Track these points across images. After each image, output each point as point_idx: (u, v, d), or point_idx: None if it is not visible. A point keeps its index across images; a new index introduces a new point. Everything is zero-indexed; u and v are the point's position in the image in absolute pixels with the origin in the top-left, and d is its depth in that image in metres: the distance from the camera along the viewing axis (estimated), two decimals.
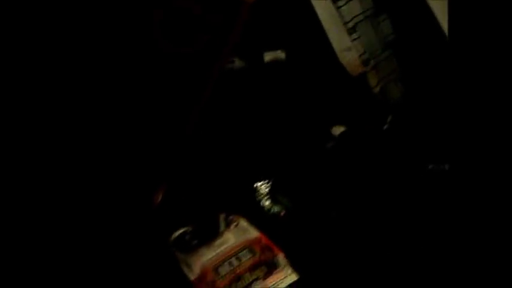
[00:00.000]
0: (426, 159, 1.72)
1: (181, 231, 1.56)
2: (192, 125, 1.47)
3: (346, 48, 1.93)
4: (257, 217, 1.59)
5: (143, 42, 1.37)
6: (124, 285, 1.45)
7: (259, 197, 1.68)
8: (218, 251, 1.46)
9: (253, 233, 1.52)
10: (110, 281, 1.45)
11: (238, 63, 1.79)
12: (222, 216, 1.58)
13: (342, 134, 1.87)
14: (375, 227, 1.55)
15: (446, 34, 1.81)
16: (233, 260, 1.43)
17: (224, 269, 1.41)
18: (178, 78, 1.41)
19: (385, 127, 1.91)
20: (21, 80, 1.35)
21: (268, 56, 1.83)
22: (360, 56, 1.97)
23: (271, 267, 1.42)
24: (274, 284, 1.39)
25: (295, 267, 1.44)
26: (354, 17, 1.95)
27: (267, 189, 1.69)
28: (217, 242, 1.50)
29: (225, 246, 1.48)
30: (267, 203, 1.67)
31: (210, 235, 1.52)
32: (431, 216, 1.53)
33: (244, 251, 1.45)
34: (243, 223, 1.56)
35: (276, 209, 1.65)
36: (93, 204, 1.49)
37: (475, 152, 1.09)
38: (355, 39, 1.95)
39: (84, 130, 1.42)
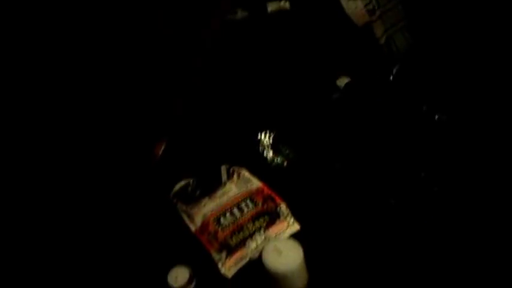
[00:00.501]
0: (431, 110, 1.69)
1: (183, 183, 1.55)
2: (197, 70, 1.43)
3: None
4: (260, 168, 1.58)
5: None
6: (127, 237, 1.45)
7: (262, 148, 1.67)
8: (219, 201, 1.46)
9: (255, 184, 1.51)
10: (114, 234, 1.46)
11: (240, 13, 1.75)
12: (224, 168, 1.57)
13: (347, 84, 1.84)
14: (378, 179, 1.54)
15: None
16: (235, 210, 1.43)
17: (226, 220, 1.41)
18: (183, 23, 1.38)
19: (391, 78, 1.88)
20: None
21: (271, 6, 1.79)
22: (366, 5, 1.92)
23: (273, 217, 1.42)
24: (276, 234, 1.38)
25: (298, 218, 1.43)
26: None
27: (270, 140, 1.68)
28: (219, 192, 1.49)
29: (226, 196, 1.47)
30: (270, 154, 1.66)
31: (212, 186, 1.52)
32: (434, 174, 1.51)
33: (246, 201, 1.45)
34: (245, 174, 1.55)
35: (278, 160, 1.64)
36: (96, 158, 1.48)
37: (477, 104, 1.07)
38: None
39: (91, 83, 1.41)
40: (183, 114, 1.52)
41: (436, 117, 1.67)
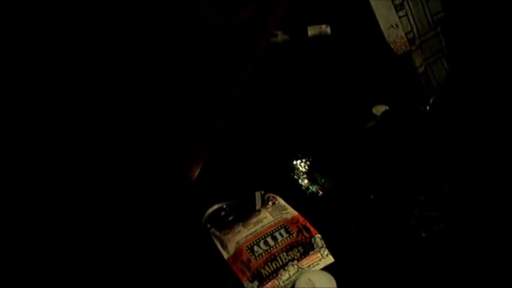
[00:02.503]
0: (468, 143, 1.67)
1: (216, 207, 1.54)
2: (235, 98, 1.43)
3: (393, 25, 1.87)
4: (294, 196, 1.56)
5: (190, 13, 1.33)
6: (159, 261, 1.44)
7: (297, 176, 1.65)
8: (254, 229, 1.44)
9: (291, 213, 1.49)
10: (145, 257, 1.44)
11: (281, 36, 1.74)
12: (258, 194, 1.56)
13: (383, 113, 1.82)
14: (413, 210, 1.51)
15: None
16: (269, 239, 1.41)
17: (260, 249, 1.38)
18: (224, 50, 1.37)
19: (428, 108, 1.87)
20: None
21: (312, 30, 1.77)
22: (406, 34, 1.91)
23: (307, 248, 1.40)
24: (309, 266, 1.36)
25: (332, 249, 1.41)
26: None
27: (305, 168, 1.66)
28: (254, 220, 1.47)
29: (261, 224, 1.45)
30: (305, 181, 1.64)
31: (246, 212, 1.50)
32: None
33: (280, 231, 1.43)
34: (280, 201, 1.53)
35: (313, 188, 1.62)
36: (131, 178, 1.47)
37: None
38: (402, 16, 1.90)
39: (127, 99, 1.40)
40: (219, 138, 1.50)
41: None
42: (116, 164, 1.44)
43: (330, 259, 1.39)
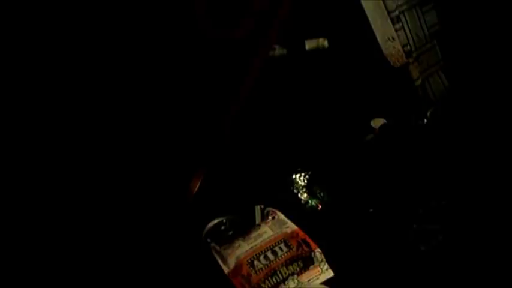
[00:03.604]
0: (466, 155, 1.68)
1: (216, 221, 1.54)
2: (234, 113, 1.43)
3: (390, 38, 1.88)
4: (294, 210, 1.56)
5: (188, 27, 1.34)
6: (160, 275, 1.43)
7: (297, 190, 1.65)
8: (254, 243, 1.44)
9: (290, 227, 1.49)
10: (146, 271, 1.44)
11: (279, 50, 1.74)
12: (258, 208, 1.55)
13: (381, 127, 1.83)
14: (412, 223, 1.52)
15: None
16: (269, 253, 1.41)
17: (260, 263, 1.38)
18: (222, 64, 1.38)
19: (426, 121, 1.87)
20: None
21: (309, 44, 1.78)
22: (403, 46, 1.92)
23: (307, 263, 1.40)
24: (309, 280, 1.37)
25: (331, 263, 1.40)
26: (399, 6, 1.90)
27: (304, 182, 1.66)
28: (253, 234, 1.47)
29: (261, 239, 1.45)
30: (304, 195, 1.64)
31: (246, 227, 1.50)
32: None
33: (280, 245, 1.43)
34: (280, 216, 1.53)
35: (313, 202, 1.62)
36: (132, 193, 1.47)
37: None
38: (399, 29, 1.90)
39: (127, 115, 1.40)
40: (219, 152, 1.50)
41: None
42: (117, 179, 1.44)
43: (330, 273, 1.39)
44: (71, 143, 1.38)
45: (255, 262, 1.39)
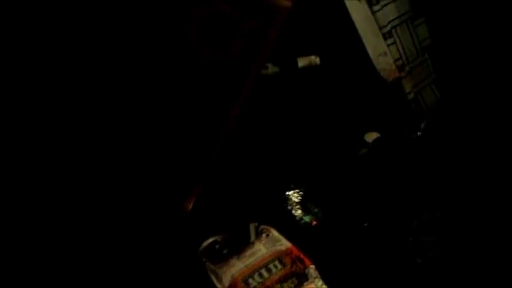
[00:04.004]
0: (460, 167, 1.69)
1: (211, 240, 1.54)
2: (227, 131, 1.45)
3: (382, 53, 1.90)
4: (288, 226, 1.57)
5: (179, 47, 1.35)
6: None
7: (291, 206, 1.66)
8: (248, 261, 1.44)
9: (284, 244, 1.49)
10: None
11: (271, 68, 1.76)
12: (252, 226, 1.56)
13: (375, 140, 1.84)
14: (408, 236, 1.52)
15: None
16: (263, 271, 1.41)
17: (254, 281, 1.39)
18: (215, 84, 1.39)
19: (419, 134, 1.88)
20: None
21: (302, 61, 1.80)
22: (396, 61, 1.94)
23: (301, 279, 1.40)
24: None
25: (326, 279, 1.41)
26: (390, 21, 1.92)
27: (298, 198, 1.67)
28: (248, 252, 1.48)
29: (255, 257, 1.46)
30: (299, 212, 1.65)
31: (241, 245, 1.51)
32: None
33: (274, 262, 1.44)
34: (274, 233, 1.54)
35: (307, 218, 1.63)
36: (126, 209, 1.48)
37: None
38: (390, 44, 1.92)
39: (122, 136, 1.42)
40: (213, 170, 1.51)
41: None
42: (111, 197, 1.45)
43: None
44: (65, 158, 1.39)
45: (250, 280, 1.39)
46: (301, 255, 1.46)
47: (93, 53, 1.34)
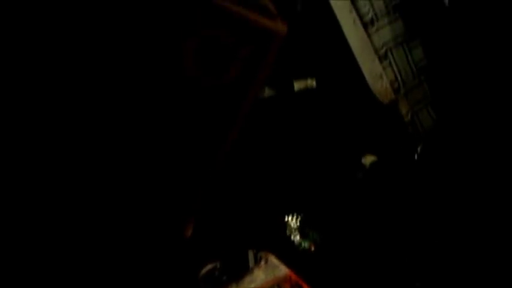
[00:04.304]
0: (459, 189, 1.69)
1: (210, 266, 1.53)
2: (224, 155, 1.44)
3: (378, 76, 1.90)
4: (287, 252, 1.56)
5: (176, 72, 1.35)
6: None
7: (289, 232, 1.65)
8: None
9: (283, 270, 1.49)
10: None
11: (268, 92, 1.76)
12: (251, 253, 1.55)
13: (372, 164, 1.84)
14: (405, 262, 1.52)
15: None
16: None
17: None
18: (210, 109, 1.39)
19: (416, 156, 1.88)
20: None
21: (298, 84, 1.80)
22: (391, 83, 1.94)
23: None
24: None
25: None
26: (385, 43, 1.92)
27: (297, 224, 1.67)
28: (247, 279, 1.47)
29: (254, 283, 1.45)
30: (297, 237, 1.64)
31: (240, 271, 1.50)
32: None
33: None
34: (273, 260, 1.53)
35: (306, 243, 1.62)
36: (126, 236, 1.47)
37: None
38: (386, 66, 1.93)
39: (118, 161, 1.41)
40: (209, 197, 1.51)
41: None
42: (111, 227, 1.44)
43: None
44: (65, 183, 1.39)
45: None
46: (300, 281, 1.45)
47: (92, 81, 1.34)
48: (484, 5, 1.81)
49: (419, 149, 1.88)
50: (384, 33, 1.93)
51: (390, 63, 1.95)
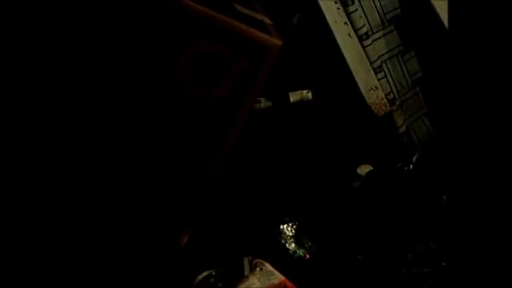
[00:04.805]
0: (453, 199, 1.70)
1: (205, 274, 1.55)
2: (219, 167, 1.47)
3: (373, 88, 1.93)
4: (282, 260, 1.58)
5: (170, 85, 1.38)
6: None
7: (284, 240, 1.67)
8: None
9: (278, 277, 1.51)
10: None
11: (264, 103, 1.79)
12: (246, 260, 1.57)
13: (368, 173, 1.86)
14: (402, 268, 1.54)
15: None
16: None
17: None
18: (205, 122, 1.42)
19: (411, 167, 1.90)
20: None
21: (294, 96, 1.83)
22: (386, 95, 1.97)
23: None
24: None
25: None
26: (380, 56, 1.96)
27: (292, 232, 1.69)
28: (242, 286, 1.49)
29: None
30: (292, 245, 1.66)
31: (235, 279, 1.52)
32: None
33: None
34: (268, 267, 1.55)
35: (300, 252, 1.64)
36: (120, 243, 1.49)
37: None
38: (381, 78, 1.96)
39: (113, 170, 1.43)
40: (206, 205, 1.53)
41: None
42: (105, 231, 1.46)
43: None
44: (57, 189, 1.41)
45: None
46: None
47: (82, 88, 1.37)
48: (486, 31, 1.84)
49: (414, 158, 1.90)
50: (379, 46, 1.97)
51: (385, 75, 1.98)
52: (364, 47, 1.91)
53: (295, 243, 1.67)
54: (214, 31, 1.33)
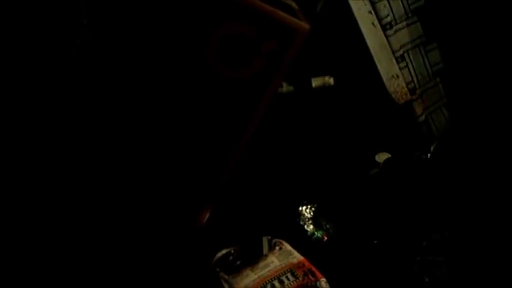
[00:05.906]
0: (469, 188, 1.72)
1: (224, 251, 1.58)
2: (242, 148, 1.49)
3: (394, 76, 1.94)
4: (300, 241, 1.61)
5: (198, 63, 1.40)
6: None
7: (303, 221, 1.69)
8: (261, 273, 1.48)
9: (297, 257, 1.53)
10: None
11: (286, 87, 1.81)
12: (266, 239, 1.60)
13: (386, 161, 1.88)
14: (416, 255, 1.55)
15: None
16: (275, 282, 1.45)
17: None
18: (230, 104, 1.44)
19: (429, 156, 1.92)
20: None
21: (316, 81, 1.85)
22: (407, 84, 1.98)
23: None
24: None
25: None
26: (403, 45, 1.97)
27: (310, 214, 1.71)
28: (261, 264, 1.52)
29: (268, 268, 1.49)
30: (311, 227, 1.68)
31: (254, 257, 1.54)
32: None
33: (287, 274, 1.47)
34: (287, 246, 1.58)
35: (319, 233, 1.66)
36: (140, 222, 1.51)
37: None
38: (403, 67, 1.97)
39: (136, 148, 1.45)
40: (227, 183, 1.55)
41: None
42: (125, 211, 1.49)
43: None
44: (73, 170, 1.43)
45: None
46: (313, 268, 1.49)
47: (107, 72, 1.38)
48: None
49: (432, 148, 1.92)
50: (402, 36, 1.98)
51: (407, 64, 1.99)
52: (387, 37, 1.92)
53: (313, 225, 1.69)
54: (244, 12, 1.34)
